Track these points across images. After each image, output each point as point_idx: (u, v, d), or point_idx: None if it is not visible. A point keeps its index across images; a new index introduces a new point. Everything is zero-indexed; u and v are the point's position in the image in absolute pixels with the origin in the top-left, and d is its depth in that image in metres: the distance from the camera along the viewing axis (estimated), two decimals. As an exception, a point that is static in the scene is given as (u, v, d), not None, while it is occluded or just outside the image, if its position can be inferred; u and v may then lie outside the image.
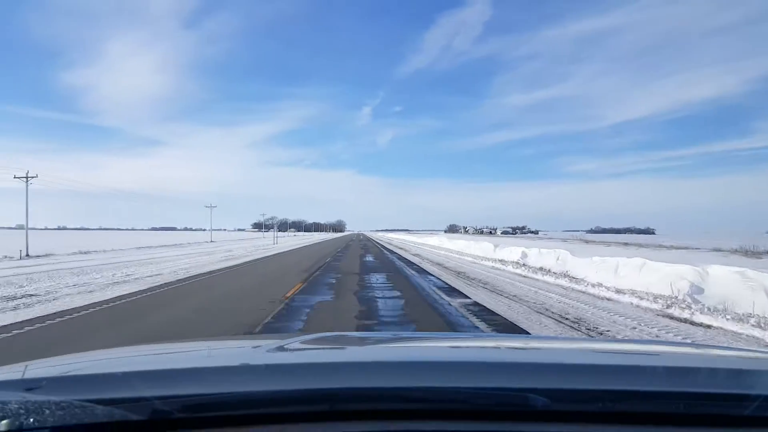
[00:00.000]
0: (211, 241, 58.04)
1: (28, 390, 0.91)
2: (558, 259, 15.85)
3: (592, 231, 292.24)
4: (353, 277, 14.54)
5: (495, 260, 20.97)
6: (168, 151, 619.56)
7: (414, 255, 28.06)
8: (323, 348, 1.62)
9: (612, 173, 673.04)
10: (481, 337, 3.44)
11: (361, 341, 1.95)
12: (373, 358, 1.41)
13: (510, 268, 17.53)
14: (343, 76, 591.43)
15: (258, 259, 23.90)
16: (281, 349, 1.42)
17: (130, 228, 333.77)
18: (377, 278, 14.20)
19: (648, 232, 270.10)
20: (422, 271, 17.03)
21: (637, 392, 0.98)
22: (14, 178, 29.34)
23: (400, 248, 39.74)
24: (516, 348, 1.75)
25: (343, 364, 1.27)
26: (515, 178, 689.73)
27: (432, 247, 41.18)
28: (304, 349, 1.51)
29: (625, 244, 43.50)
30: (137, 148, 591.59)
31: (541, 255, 18.02)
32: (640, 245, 37.77)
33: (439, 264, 20.88)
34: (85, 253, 28.09)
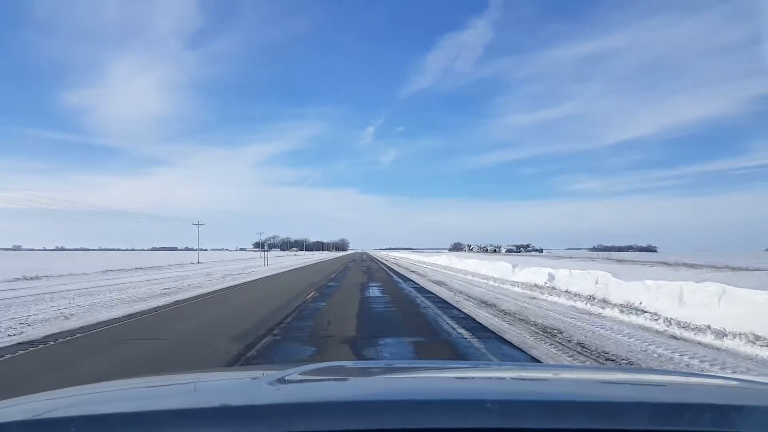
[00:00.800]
0: (198, 263, 52.28)
1: None
2: (597, 282, 13.99)
3: (594, 249, 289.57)
4: (343, 346, 7.83)
5: (519, 283, 19.02)
6: (170, 171, 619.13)
7: (435, 282, 21.78)
8: (322, 382, 1.54)
9: (612, 192, 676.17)
10: (489, 367, 3.17)
11: (362, 373, 1.84)
12: (378, 396, 1.30)
13: (546, 296, 14.84)
14: (346, 96, 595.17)
15: (216, 292, 17.91)
16: (278, 383, 1.36)
17: (130, 248, 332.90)
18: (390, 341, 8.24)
19: (650, 249, 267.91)
20: (446, 306, 12.98)
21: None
22: None
23: (410, 270, 35.66)
24: (524, 379, 1.70)
25: (347, 403, 1.17)
26: (518, 197, 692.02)
27: (442, 267, 38.47)
28: (303, 381, 1.45)
29: (649, 262, 41.48)
30: (139, 168, 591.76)
31: (573, 277, 16.18)
32: (670, 263, 35.92)
33: (461, 292, 16.90)
34: (30, 279, 23.25)
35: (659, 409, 1.13)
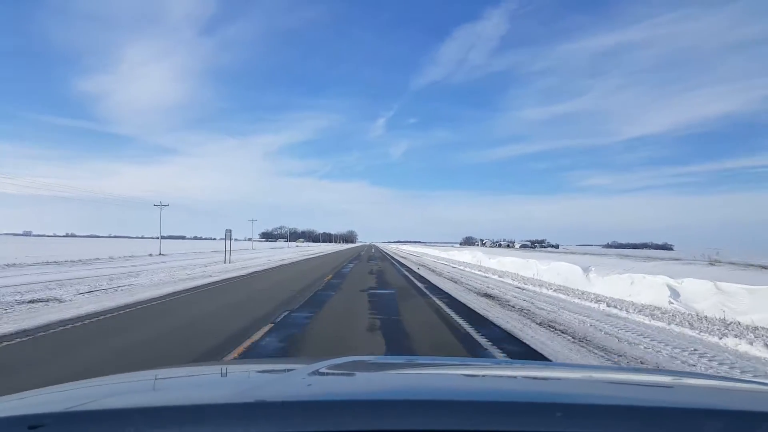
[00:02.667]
0: (159, 254, 42.75)
1: (32, 429, 0.86)
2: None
3: (608, 246, 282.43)
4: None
5: (621, 304, 12.71)
6: (182, 160, 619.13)
7: (484, 295, 14.45)
8: (340, 378, 1.52)
9: (625, 188, 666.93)
10: (497, 366, 3.01)
11: (379, 368, 1.80)
12: (392, 395, 1.30)
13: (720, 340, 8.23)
14: (358, 87, 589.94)
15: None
16: (300, 379, 1.39)
17: (140, 236, 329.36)
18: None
19: (666, 247, 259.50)
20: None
21: None
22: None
23: (430, 269, 27.68)
24: (534, 379, 1.71)
25: (369, 402, 1.16)
26: (530, 192, 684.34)
27: (471, 267, 28.97)
28: (325, 377, 1.45)
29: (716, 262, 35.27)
30: (151, 157, 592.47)
31: (725, 294, 9.96)
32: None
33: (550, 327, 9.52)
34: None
35: (670, 413, 1.11)
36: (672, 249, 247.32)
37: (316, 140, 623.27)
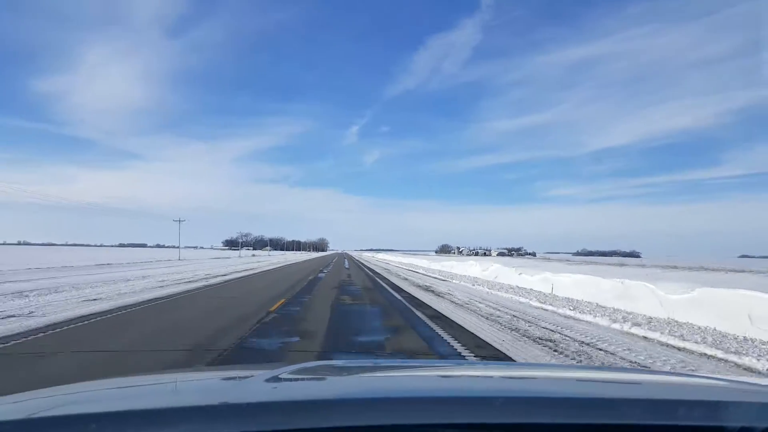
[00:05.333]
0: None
1: None
2: None
3: (578, 254, 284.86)
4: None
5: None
6: (145, 165, 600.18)
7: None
8: (315, 381, 1.57)
9: (593, 198, 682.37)
10: (474, 366, 3.42)
11: (347, 372, 1.86)
12: (357, 394, 1.35)
13: None
14: (331, 94, 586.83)
15: None
16: (273, 381, 1.39)
17: (99, 244, 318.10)
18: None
19: (634, 255, 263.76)
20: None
21: (620, 426, 1.01)
22: None
23: (433, 292, 18.80)
24: (503, 377, 1.76)
25: (334, 401, 1.20)
26: (502, 202, 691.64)
27: (470, 283, 22.35)
28: (297, 380, 1.49)
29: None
30: (112, 161, 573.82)
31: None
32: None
33: None
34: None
35: (644, 405, 1.18)
36: (640, 256, 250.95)
37: (288, 146, 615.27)
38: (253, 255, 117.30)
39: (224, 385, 1.54)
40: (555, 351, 8.14)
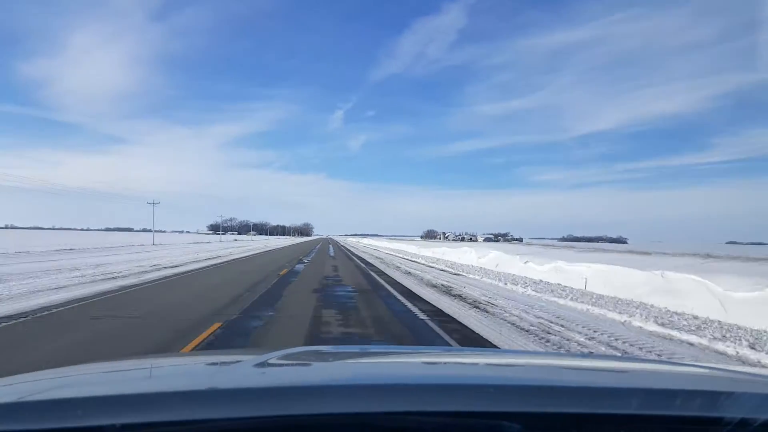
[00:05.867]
0: None
1: None
2: None
3: (564, 239, 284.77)
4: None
5: None
6: (131, 149, 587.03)
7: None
8: (298, 366, 1.52)
9: (578, 183, 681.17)
10: (454, 353, 3.27)
11: (333, 357, 1.75)
12: (345, 380, 1.30)
13: None
14: (315, 78, 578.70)
15: None
16: (262, 366, 1.37)
17: (85, 228, 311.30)
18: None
19: (620, 241, 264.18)
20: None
21: (614, 416, 0.98)
22: None
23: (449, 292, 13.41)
24: (490, 365, 1.72)
25: (318, 387, 1.17)
26: (487, 186, 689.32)
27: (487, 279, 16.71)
28: (286, 365, 1.47)
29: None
30: (98, 146, 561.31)
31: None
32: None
33: None
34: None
35: (646, 394, 1.14)
36: (626, 242, 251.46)
37: (273, 131, 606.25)
38: (236, 240, 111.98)
39: (211, 370, 1.52)
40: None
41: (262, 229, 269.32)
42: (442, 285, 15.48)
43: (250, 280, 16.25)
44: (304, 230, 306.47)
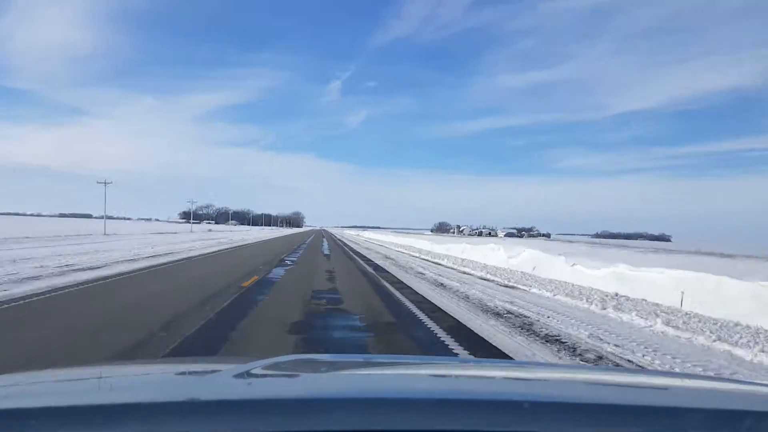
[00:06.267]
0: None
1: None
2: None
3: (597, 236, 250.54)
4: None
5: None
6: (90, 122, 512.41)
7: None
8: (286, 377, 1.35)
9: (614, 170, 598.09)
10: (464, 364, 2.75)
11: (332, 367, 1.59)
12: (346, 393, 1.16)
13: None
14: (308, 42, 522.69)
15: None
16: (246, 376, 1.22)
17: (36, 213, 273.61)
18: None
19: (663, 238, 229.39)
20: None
21: None
22: None
23: None
24: (506, 378, 1.54)
25: (311, 400, 1.04)
26: (507, 172, 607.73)
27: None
28: (272, 376, 1.30)
29: None
30: (52, 117, 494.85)
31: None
32: None
33: None
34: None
35: (656, 413, 1.05)
36: (670, 240, 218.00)
37: (257, 103, 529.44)
38: (210, 230, 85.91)
39: (189, 380, 1.38)
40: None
41: (244, 218, 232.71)
42: (508, 312, 8.94)
43: (206, 292, 9.88)
44: (293, 220, 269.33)
